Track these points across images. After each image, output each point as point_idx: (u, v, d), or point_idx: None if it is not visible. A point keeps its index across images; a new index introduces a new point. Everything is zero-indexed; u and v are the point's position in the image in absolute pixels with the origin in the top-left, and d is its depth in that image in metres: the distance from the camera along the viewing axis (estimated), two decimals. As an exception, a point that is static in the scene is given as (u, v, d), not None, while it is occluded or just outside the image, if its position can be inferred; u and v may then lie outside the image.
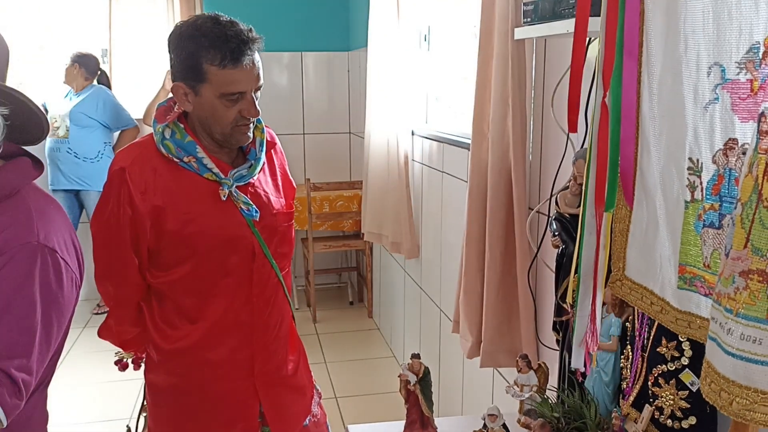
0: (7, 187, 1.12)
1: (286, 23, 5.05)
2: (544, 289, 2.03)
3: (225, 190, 1.65)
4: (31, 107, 1.12)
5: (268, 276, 1.76)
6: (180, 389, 1.77)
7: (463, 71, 3.12)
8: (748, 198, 0.77)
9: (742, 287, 0.77)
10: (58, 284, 1.11)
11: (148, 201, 1.61)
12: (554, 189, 1.81)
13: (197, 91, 1.58)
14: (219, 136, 1.64)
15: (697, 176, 0.96)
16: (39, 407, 1.22)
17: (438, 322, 3.20)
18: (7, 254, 1.06)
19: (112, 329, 1.81)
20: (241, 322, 1.75)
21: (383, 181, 3.69)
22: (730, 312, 0.79)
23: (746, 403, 0.78)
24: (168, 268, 1.69)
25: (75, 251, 1.19)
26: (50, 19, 4.99)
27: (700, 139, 0.95)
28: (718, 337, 0.82)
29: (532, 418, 1.41)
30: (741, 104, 0.87)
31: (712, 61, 0.91)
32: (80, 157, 4.51)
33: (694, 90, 0.94)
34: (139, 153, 1.65)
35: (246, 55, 1.56)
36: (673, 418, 1.22)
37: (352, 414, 3.47)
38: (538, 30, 1.51)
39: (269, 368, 1.81)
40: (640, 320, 1.29)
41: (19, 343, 1.06)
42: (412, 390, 1.59)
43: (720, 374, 0.81)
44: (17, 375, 1.05)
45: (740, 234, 0.78)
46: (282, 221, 1.79)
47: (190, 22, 1.59)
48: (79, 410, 3.46)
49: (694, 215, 0.97)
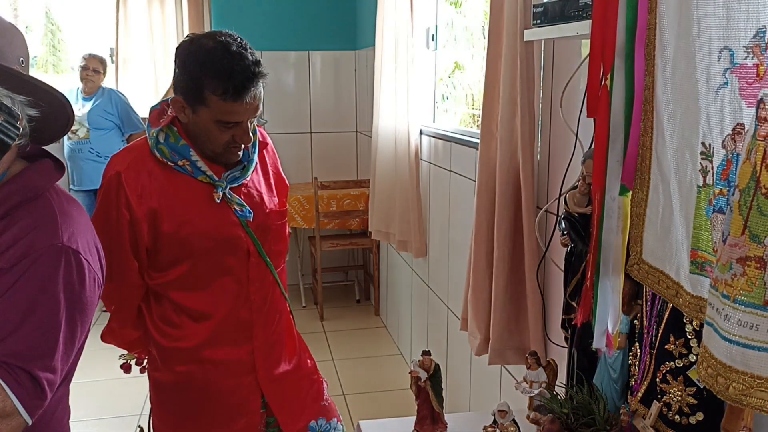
0: (32, 189, 1.13)
1: (294, 23, 5.07)
2: (553, 288, 2.05)
3: (219, 193, 1.67)
4: (62, 101, 1.12)
5: (264, 274, 1.80)
6: (183, 387, 1.80)
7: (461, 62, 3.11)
8: (746, 184, 0.77)
9: (740, 273, 0.78)
10: (81, 285, 1.13)
11: (144, 204, 1.64)
12: (563, 188, 1.83)
13: (195, 110, 1.60)
14: (209, 153, 1.67)
15: (708, 161, 0.95)
16: (62, 403, 1.24)
17: (445, 319, 3.22)
18: (32, 256, 1.07)
19: (115, 332, 1.84)
20: (241, 319, 1.78)
21: (391, 180, 3.71)
22: (727, 298, 0.80)
23: (743, 388, 0.80)
24: (165, 269, 1.72)
25: (97, 252, 1.21)
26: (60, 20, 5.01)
27: (712, 123, 0.93)
28: (715, 323, 0.82)
29: (542, 414, 1.43)
30: (748, 89, 0.87)
31: (722, 45, 0.90)
32: (102, 157, 4.54)
33: (706, 74, 0.93)
34: (134, 157, 1.67)
35: (248, 91, 1.56)
36: (681, 414, 1.24)
37: (360, 410, 3.50)
38: (548, 32, 1.53)
39: (270, 363, 1.84)
40: (649, 318, 1.31)
41: (43, 344, 1.08)
42: (423, 386, 1.61)
43: (717, 359, 0.82)
44: (41, 375, 1.07)
45: (738, 220, 0.78)
46: (275, 220, 1.82)
47: (201, 43, 1.58)
48: (87, 407, 3.49)
49: (706, 200, 0.97)
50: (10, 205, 1.11)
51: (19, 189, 1.12)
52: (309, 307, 5.01)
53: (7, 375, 1.04)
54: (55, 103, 1.12)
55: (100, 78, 4.56)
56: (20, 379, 1.05)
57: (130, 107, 4.66)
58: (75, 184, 4.61)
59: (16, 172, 1.15)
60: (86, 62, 4.50)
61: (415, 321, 3.85)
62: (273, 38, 4.94)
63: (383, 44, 3.60)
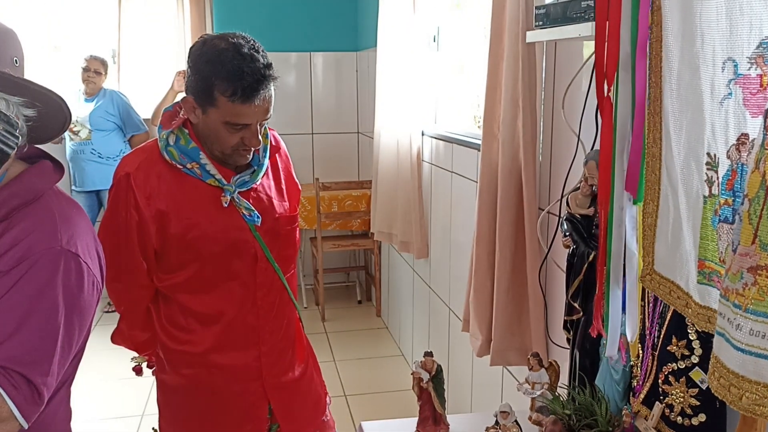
0: (32, 191, 1.12)
1: (295, 24, 5.07)
2: (555, 289, 2.05)
3: (227, 197, 1.67)
4: (57, 101, 1.11)
5: (272, 279, 1.79)
6: (189, 390, 1.80)
7: (463, 66, 3.11)
8: (755, 194, 0.77)
9: (751, 283, 0.78)
10: (80, 288, 1.12)
11: (152, 206, 1.64)
12: (565, 190, 1.83)
13: (205, 111, 1.60)
14: (218, 154, 1.66)
15: (714, 171, 0.96)
16: (63, 405, 1.24)
17: (447, 320, 3.23)
18: (30, 259, 1.06)
19: (125, 333, 1.85)
20: (248, 324, 1.78)
21: (393, 181, 3.71)
22: (738, 308, 0.79)
23: (756, 398, 0.79)
24: (173, 271, 1.72)
25: (97, 254, 1.20)
26: (61, 20, 5.02)
27: (716, 133, 0.94)
28: (727, 333, 0.82)
29: (544, 415, 1.43)
30: (752, 99, 0.87)
31: (726, 56, 0.91)
32: (104, 158, 4.56)
33: (711, 85, 0.94)
34: (144, 159, 1.67)
35: (258, 93, 1.57)
36: (683, 415, 1.25)
37: (361, 411, 3.50)
38: (550, 33, 1.53)
39: (277, 370, 1.83)
40: (651, 319, 1.31)
41: (41, 347, 1.07)
42: (425, 387, 1.61)
43: (729, 369, 0.82)
44: (38, 380, 1.06)
45: (748, 230, 0.78)
46: (285, 225, 1.81)
47: (213, 44, 1.58)
48: (93, 407, 3.49)
49: (712, 210, 0.97)
50: (10, 208, 1.10)
51: (18, 191, 1.11)
52: (310, 308, 5.01)
53: (3, 379, 1.03)
54: (51, 103, 1.11)
55: (101, 79, 4.57)
56: (17, 383, 1.04)
57: (131, 108, 4.66)
58: (77, 185, 4.62)
59: (15, 174, 1.14)
60: (87, 64, 4.51)
61: (416, 322, 3.85)
62: (274, 39, 4.94)
63: (385, 45, 3.61)
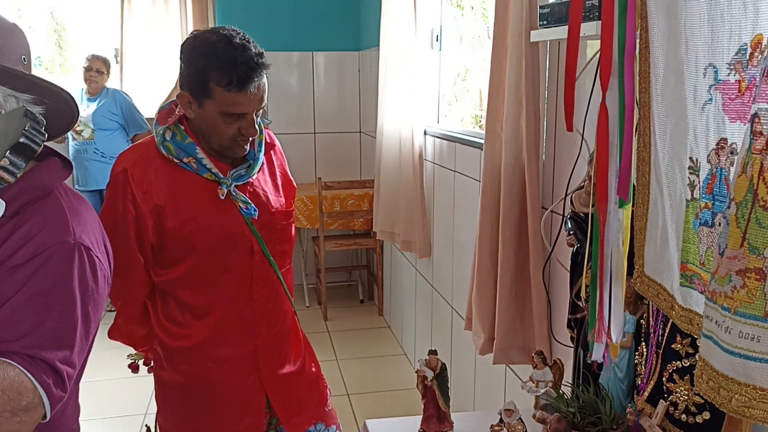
0: (42, 187, 1.14)
1: (297, 23, 5.08)
2: (558, 287, 2.05)
3: (224, 189, 1.69)
4: (65, 98, 1.13)
5: (268, 273, 1.81)
6: (187, 385, 1.82)
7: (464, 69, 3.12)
8: (743, 198, 0.78)
9: (740, 285, 0.79)
10: (95, 281, 1.15)
11: (149, 201, 1.66)
12: (569, 189, 1.84)
13: (201, 104, 1.62)
14: (216, 147, 1.68)
15: (696, 175, 0.98)
16: (72, 400, 1.25)
17: (450, 319, 3.23)
18: (45, 253, 1.08)
19: (122, 329, 1.86)
20: (244, 318, 1.79)
21: (395, 180, 3.71)
22: (727, 310, 0.80)
23: (745, 400, 0.80)
24: (170, 266, 1.74)
25: (105, 249, 1.22)
26: (64, 20, 5.03)
27: (698, 138, 0.96)
28: (715, 335, 0.83)
29: (549, 413, 1.44)
30: (730, 104, 0.89)
31: (707, 62, 0.92)
32: (107, 157, 4.57)
33: (693, 90, 0.96)
34: (141, 154, 1.69)
35: (252, 81, 1.59)
36: (688, 413, 1.25)
37: (364, 410, 3.51)
38: (554, 33, 1.54)
39: (274, 363, 1.85)
40: (655, 317, 1.32)
41: (61, 338, 1.09)
42: (429, 385, 1.62)
43: (718, 372, 0.82)
44: (62, 368, 1.08)
45: (736, 233, 0.79)
46: (281, 219, 1.83)
47: (204, 37, 1.61)
48: (92, 406, 3.50)
49: (693, 214, 0.99)
50: (21, 204, 1.11)
51: (28, 187, 1.13)
52: (313, 307, 5.02)
53: (32, 367, 1.05)
54: (59, 99, 1.13)
55: (103, 78, 4.57)
56: (45, 370, 1.07)
57: (134, 107, 4.67)
58: (80, 184, 4.63)
59: (25, 170, 1.15)
60: (89, 63, 4.52)
61: (419, 321, 3.85)
62: (277, 39, 4.95)
63: (387, 45, 3.61)
